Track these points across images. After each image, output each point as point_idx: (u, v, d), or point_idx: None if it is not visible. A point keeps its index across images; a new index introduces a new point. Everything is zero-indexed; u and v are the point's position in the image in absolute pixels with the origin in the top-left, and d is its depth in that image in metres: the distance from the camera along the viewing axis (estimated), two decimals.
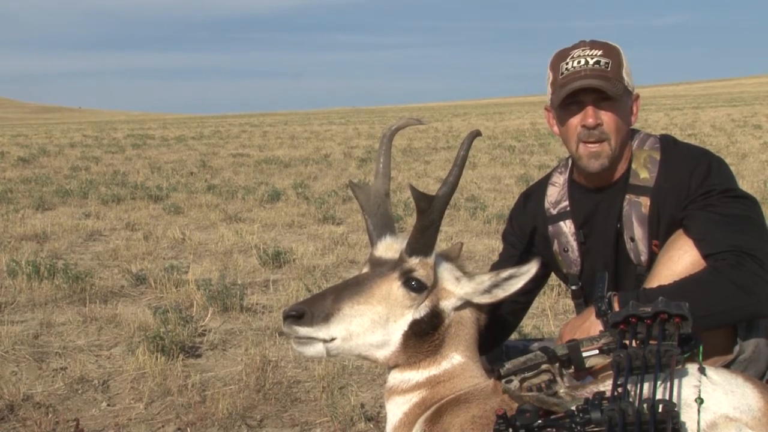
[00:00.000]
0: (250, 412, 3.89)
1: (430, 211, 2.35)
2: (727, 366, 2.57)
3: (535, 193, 3.11)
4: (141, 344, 4.66)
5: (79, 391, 4.23)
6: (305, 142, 28.82)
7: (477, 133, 2.42)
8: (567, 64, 2.74)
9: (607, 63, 2.71)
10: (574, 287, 3.00)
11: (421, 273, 2.38)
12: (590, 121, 2.72)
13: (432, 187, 11.32)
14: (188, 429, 3.73)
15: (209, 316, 5.50)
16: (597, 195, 2.89)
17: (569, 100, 2.73)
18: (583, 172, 2.85)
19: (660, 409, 1.72)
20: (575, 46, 2.80)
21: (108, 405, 4.06)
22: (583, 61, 2.72)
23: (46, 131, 49.88)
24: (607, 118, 2.73)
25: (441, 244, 2.72)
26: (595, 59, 2.72)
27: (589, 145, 2.75)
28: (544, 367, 2.16)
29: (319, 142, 28.57)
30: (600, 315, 2.47)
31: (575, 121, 2.76)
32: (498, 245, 3.56)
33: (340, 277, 6.61)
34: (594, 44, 2.78)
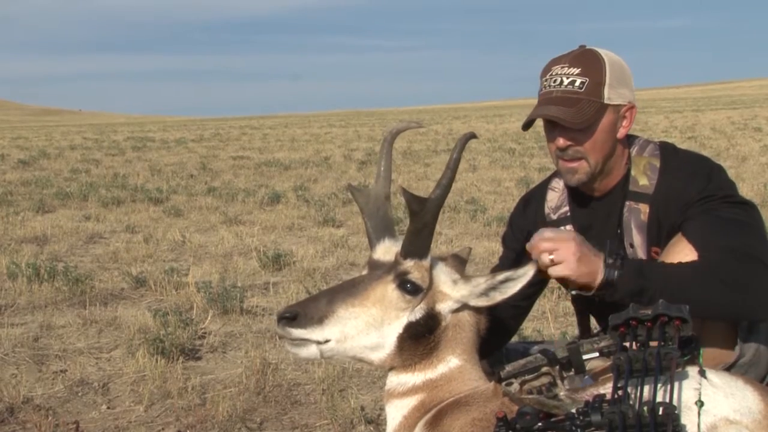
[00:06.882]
0: (250, 415, 3.89)
1: (423, 213, 2.34)
2: (728, 369, 2.56)
3: (534, 197, 3.10)
4: (141, 347, 4.66)
5: (79, 394, 4.23)
6: (305, 145, 28.83)
7: (471, 136, 2.40)
8: (546, 80, 2.71)
9: (582, 83, 2.64)
10: (574, 292, 2.99)
11: (415, 275, 2.37)
12: (560, 143, 2.70)
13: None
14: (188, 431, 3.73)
15: (209, 318, 5.50)
16: (597, 201, 2.88)
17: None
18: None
19: (660, 412, 1.72)
20: (559, 60, 2.72)
21: (108, 408, 4.07)
22: (558, 80, 2.67)
23: (46, 134, 49.89)
24: (581, 138, 2.68)
25: (441, 247, 2.72)
26: (570, 79, 2.65)
27: (566, 163, 2.74)
28: (544, 369, 2.15)
29: (319, 145, 28.58)
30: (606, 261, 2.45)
31: (551, 138, 2.76)
32: (498, 248, 3.56)
33: (340, 280, 6.61)
34: (576, 60, 2.68)
